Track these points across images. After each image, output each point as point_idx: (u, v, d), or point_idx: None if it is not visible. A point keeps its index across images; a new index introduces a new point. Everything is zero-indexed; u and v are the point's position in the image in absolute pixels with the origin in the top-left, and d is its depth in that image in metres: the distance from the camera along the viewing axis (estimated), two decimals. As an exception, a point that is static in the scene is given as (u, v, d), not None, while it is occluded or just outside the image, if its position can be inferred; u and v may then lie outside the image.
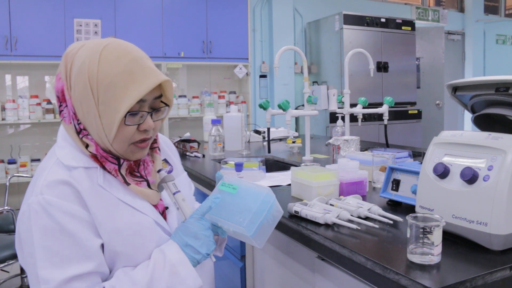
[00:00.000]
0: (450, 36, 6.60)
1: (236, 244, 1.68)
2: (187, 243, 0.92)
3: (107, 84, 0.85)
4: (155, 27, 4.20)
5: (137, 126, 0.90)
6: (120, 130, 0.88)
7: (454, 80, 1.17)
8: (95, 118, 0.87)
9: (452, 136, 1.04)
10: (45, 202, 0.84)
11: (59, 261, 0.83)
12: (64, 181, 0.87)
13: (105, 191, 0.91)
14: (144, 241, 0.94)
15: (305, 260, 1.28)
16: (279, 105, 2.07)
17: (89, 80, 0.85)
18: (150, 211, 0.97)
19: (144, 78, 0.86)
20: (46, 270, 0.82)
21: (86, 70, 0.86)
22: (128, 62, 0.86)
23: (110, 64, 0.85)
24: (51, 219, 0.84)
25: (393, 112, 4.61)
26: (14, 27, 3.68)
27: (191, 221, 0.94)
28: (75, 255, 0.84)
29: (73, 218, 0.85)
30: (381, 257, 0.91)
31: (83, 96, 0.87)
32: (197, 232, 0.93)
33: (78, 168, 0.89)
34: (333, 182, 1.35)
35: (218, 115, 4.23)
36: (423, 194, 1.04)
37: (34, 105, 3.87)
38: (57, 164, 0.90)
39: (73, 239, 0.85)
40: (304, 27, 5.29)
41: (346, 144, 2.04)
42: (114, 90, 0.85)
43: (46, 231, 0.83)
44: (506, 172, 0.88)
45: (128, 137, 0.90)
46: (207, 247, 0.93)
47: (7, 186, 2.83)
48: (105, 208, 0.90)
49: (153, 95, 0.91)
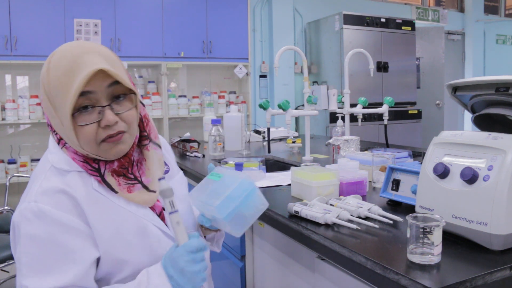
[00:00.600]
0: (450, 36, 6.60)
1: (236, 244, 1.68)
2: (172, 276, 0.85)
3: (54, 88, 0.83)
4: (155, 27, 4.20)
5: (97, 124, 0.84)
6: (78, 132, 0.84)
7: (454, 80, 1.17)
8: (59, 125, 0.86)
9: (452, 136, 1.04)
10: (38, 210, 0.82)
11: (42, 271, 0.81)
12: (60, 190, 0.85)
13: (101, 195, 0.89)
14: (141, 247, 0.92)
15: (305, 260, 1.28)
16: (279, 105, 2.07)
17: (44, 90, 0.85)
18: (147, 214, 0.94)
19: (80, 71, 0.81)
20: (27, 278, 0.81)
21: (41, 81, 0.86)
22: (68, 62, 0.82)
23: (54, 69, 0.83)
24: (42, 228, 0.82)
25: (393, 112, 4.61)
26: (14, 27, 3.68)
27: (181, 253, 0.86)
28: (60, 266, 0.82)
29: (66, 229, 0.83)
30: (381, 257, 0.91)
31: (46, 107, 0.86)
32: (184, 268, 0.85)
33: (71, 172, 0.88)
34: (333, 182, 1.35)
35: (218, 115, 4.23)
36: (423, 194, 1.04)
37: (34, 105, 3.87)
38: (51, 170, 0.88)
39: (63, 250, 0.83)
40: (304, 27, 5.29)
41: (346, 144, 2.04)
42: (59, 92, 0.82)
43: (34, 239, 0.82)
44: (506, 172, 0.88)
45: (90, 137, 0.84)
46: (192, 284, 0.86)
47: (7, 186, 2.83)
48: (103, 214, 0.88)
49: (103, 84, 0.84)
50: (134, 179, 0.93)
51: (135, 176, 0.94)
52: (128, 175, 0.93)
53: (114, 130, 0.86)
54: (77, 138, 0.84)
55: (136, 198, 0.92)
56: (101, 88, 0.84)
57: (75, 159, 0.89)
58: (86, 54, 0.83)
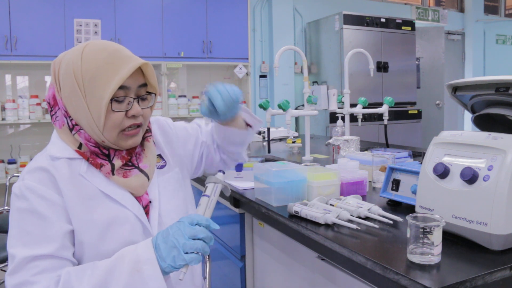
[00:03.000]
0: (450, 36, 6.60)
1: (236, 244, 1.68)
2: (158, 245, 0.87)
3: (91, 77, 0.91)
4: (155, 27, 4.20)
5: (125, 113, 0.94)
6: (108, 117, 0.92)
7: (454, 80, 1.17)
8: (84, 110, 0.92)
9: (452, 136, 1.04)
10: (24, 187, 0.91)
11: (27, 241, 0.88)
12: (42, 168, 0.93)
13: (86, 180, 0.95)
14: (115, 235, 0.94)
15: (305, 260, 1.28)
16: (279, 105, 2.07)
17: (75, 77, 0.91)
18: (131, 204, 0.97)
19: (123, 65, 0.92)
20: (15, 248, 0.88)
21: (72, 69, 0.92)
22: (107, 55, 0.92)
23: (91, 60, 0.92)
24: (26, 202, 0.90)
25: (393, 112, 4.61)
26: (14, 27, 3.68)
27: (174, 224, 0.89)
28: (42, 236, 0.88)
29: (45, 202, 0.90)
30: (381, 257, 0.91)
31: (72, 93, 0.92)
32: (169, 238, 0.86)
33: (61, 159, 0.95)
34: (334, 182, 1.35)
35: (218, 115, 4.22)
36: (423, 194, 1.04)
37: (34, 105, 3.86)
38: (42, 155, 0.97)
39: (42, 221, 0.89)
40: (304, 27, 5.29)
41: (346, 144, 2.04)
42: (97, 80, 0.90)
43: (21, 212, 0.90)
44: (506, 172, 0.88)
45: (117, 123, 0.93)
46: (173, 257, 0.84)
47: (7, 186, 2.82)
48: (81, 198, 0.93)
49: (137, 83, 0.96)
50: (131, 165, 1.00)
51: (133, 163, 1.01)
52: (127, 163, 1.00)
53: (137, 121, 0.96)
54: (104, 123, 0.92)
55: (128, 182, 0.97)
56: (134, 85, 0.96)
57: (87, 144, 0.96)
58: (124, 50, 0.95)
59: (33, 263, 0.86)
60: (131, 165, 1.00)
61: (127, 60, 0.93)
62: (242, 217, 1.64)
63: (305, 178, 1.33)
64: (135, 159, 1.02)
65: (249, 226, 1.64)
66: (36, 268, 0.86)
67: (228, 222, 1.73)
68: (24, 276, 0.85)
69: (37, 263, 0.86)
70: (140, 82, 0.97)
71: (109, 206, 0.95)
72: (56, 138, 0.99)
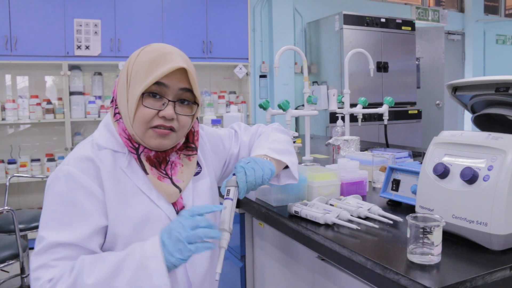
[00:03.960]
0: (450, 36, 6.60)
1: (236, 244, 1.68)
2: (164, 241, 0.88)
3: (137, 71, 0.95)
4: (155, 27, 4.20)
5: (157, 112, 0.95)
6: (139, 110, 0.94)
7: (454, 80, 1.17)
8: (124, 101, 0.97)
9: (452, 136, 1.04)
10: (67, 172, 0.93)
11: (57, 226, 0.90)
12: (89, 158, 0.96)
13: (126, 176, 0.98)
14: (148, 232, 0.96)
15: (305, 260, 1.28)
16: (279, 105, 2.07)
17: (127, 68, 0.98)
18: (165, 205, 1.00)
19: (165, 65, 0.94)
20: (44, 230, 0.91)
21: (128, 62, 0.99)
22: (156, 55, 0.95)
23: (144, 56, 0.96)
24: (66, 188, 0.92)
25: (393, 112, 4.62)
26: (14, 27, 3.68)
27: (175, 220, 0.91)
28: (73, 224, 0.91)
29: (85, 192, 0.93)
30: (381, 257, 0.91)
31: (121, 83, 0.98)
32: (172, 233, 0.88)
33: (106, 149, 0.98)
34: (334, 182, 1.34)
35: (218, 115, 4.23)
36: (423, 194, 1.04)
37: (34, 105, 3.86)
38: (90, 142, 1.00)
39: (77, 210, 0.91)
40: (304, 27, 5.29)
41: (346, 144, 2.04)
42: (139, 75, 0.94)
43: (58, 196, 0.92)
44: (506, 172, 0.88)
45: (145, 119, 0.95)
46: (179, 251, 0.86)
47: (7, 186, 2.82)
48: (120, 192, 0.95)
49: (178, 85, 0.96)
50: (165, 174, 1.02)
51: (167, 172, 1.02)
52: (160, 169, 1.01)
53: (167, 123, 0.96)
54: (134, 115, 0.94)
55: (162, 185, 0.99)
56: (174, 86, 0.96)
57: (121, 134, 0.99)
58: (175, 55, 0.97)
59: (57, 249, 0.89)
60: (165, 173, 1.01)
61: (170, 61, 0.94)
62: (242, 217, 1.64)
63: (305, 178, 1.33)
64: (169, 169, 1.02)
65: (249, 226, 1.64)
66: (58, 254, 0.89)
67: (228, 222, 1.73)
68: (45, 259, 0.88)
69: (61, 249, 0.89)
70: (182, 85, 0.97)
71: (145, 204, 0.98)
72: (103, 126, 1.02)
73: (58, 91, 4.15)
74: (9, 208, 2.28)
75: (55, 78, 4.17)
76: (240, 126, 1.32)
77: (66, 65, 3.87)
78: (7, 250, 2.31)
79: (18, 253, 2.31)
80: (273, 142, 1.17)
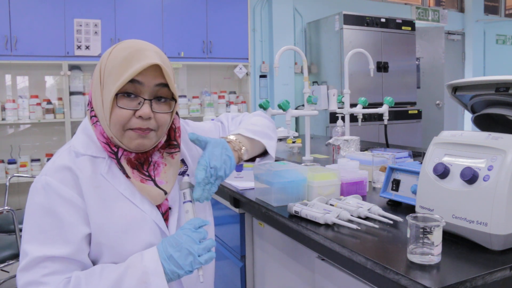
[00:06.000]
0: (450, 36, 6.60)
1: (236, 244, 1.68)
2: (171, 255, 0.89)
3: (109, 70, 0.91)
4: (155, 27, 4.20)
5: (133, 112, 0.91)
6: (114, 112, 0.91)
7: (454, 80, 1.17)
8: (99, 102, 0.93)
9: (452, 136, 1.04)
10: (46, 183, 0.90)
11: (42, 240, 0.88)
12: (66, 167, 0.92)
13: (106, 181, 0.94)
14: (133, 238, 0.94)
15: (305, 260, 1.28)
16: (279, 105, 2.07)
17: (100, 69, 0.94)
18: (149, 209, 0.97)
19: (138, 62, 0.89)
20: (28, 244, 0.88)
21: (100, 62, 0.95)
22: (129, 52, 0.91)
23: (116, 55, 0.92)
24: (46, 199, 0.89)
25: (393, 112, 4.62)
26: (14, 27, 3.68)
27: (180, 233, 0.91)
28: (57, 237, 0.88)
29: (66, 203, 0.90)
30: (381, 257, 0.91)
31: (95, 84, 0.94)
32: (182, 246, 0.89)
33: (84, 156, 0.94)
34: (334, 182, 1.34)
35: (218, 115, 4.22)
36: (423, 194, 1.04)
37: (34, 105, 3.86)
38: (68, 150, 0.96)
39: (60, 222, 0.89)
40: (304, 27, 5.29)
41: (346, 144, 2.04)
42: (112, 74, 0.90)
43: (39, 208, 0.89)
44: (506, 172, 0.88)
45: (122, 121, 0.91)
46: (190, 263, 0.89)
47: (7, 186, 2.82)
48: (101, 198, 0.92)
49: (153, 81, 0.92)
50: (148, 176, 0.98)
51: (150, 174, 0.98)
52: (143, 171, 0.97)
53: (145, 125, 0.92)
54: (110, 117, 0.91)
55: (146, 188, 0.96)
56: (149, 84, 0.92)
57: (99, 139, 0.95)
58: (148, 51, 0.92)
59: (45, 264, 0.86)
60: (147, 175, 0.97)
61: (143, 58, 0.90)
62: (242, 217, 1.64)
63: (305, 178, 1.33)
64: (152, 170, 0.98)
65: (249, 226, 1.64)
66: (47, 269, 0.86)
67: (228, 222, 1.73)
68: (34, 275, 0.85)
69: (49, 264, 0.86)
70: (157, 81, 0.92)
71: (128, 209, 0.95)
72: (81, 131, 0.99)
73: (58, 91, 4.15)
74: (9, 208, 2.28)
75: (55, 78, 4.17)
76: (227, 117, 1.30)
77: (66, 65, 3.87)
78: (7, 250, 2.31)
79: (18, 253, 2.31)
80: (251, 125, 1.16)
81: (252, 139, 1.11)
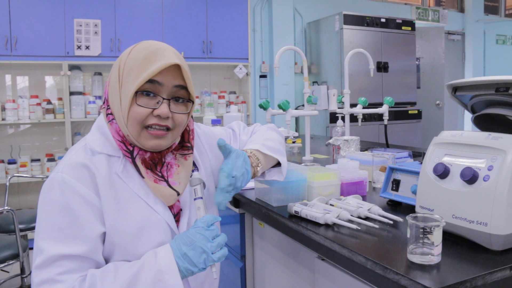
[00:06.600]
0: (450, 36, 6.60)
1: (236, 244, 1.68)
2: (185, 253, 0.90)
3: (129, 69, 0.92)
4: (155, 27, 4.20)
5: (151, 110, 0.92)
6: (132, 109, 0.91)
7: (454, 80, 1.17)
8: (117, 100, 0.93)
9: (452, 136, 1.04)
10: (62, 180, 0.90)
11: (58, 237, 0.87)
12: (83, 164, 0.92)
13: (121, 180, 0.95)
14: (146, 238, 0.94)
15: (305, 260, 1.28)
16: (279, 105, 2.07)
17: (119, 67, 0.95)
18: (162, 209, 0.98)
19: (157, 61, 0.91)
20: (44, 241, 0.87)
21: (119, 61, 0.96)
22: (150, 51, 0.92)
23: (135, 54, 0.93)
24: (62, 197, 0.89)
25: (393, 112, 4.62)
26: (14, 27, 3.68)
27: (193, 231, 0.92)
28: (73, 235, 0.88)
29: (82, 201, 0.89)
30: (381, 257, 0.91)
31: (113, 82, 0.95)
32: (196, 244, 0.90)
33: (101, 154, 0.95)
34: (334, 182, 1.35)
35: (218, 115, 4.23)
36: (423, 194, 1.04)
37: (34, 105, 3.86)
38: (83, 147, 0.96)
39: (76, 220, 0.88)
40: (304, 27, 5.29)
41: (346, 144, 2.04)
42: (132, 73, 0.91)
43: (55, 206, 0.89)
44: (506, 172, 0.88)
45: (139, 118, 0.92)
46: (204, 261, 0.90)
47: (7, 186, 2.82)
48: (116, 199, 0.93)
49: (172, 82, 0.93)
50: (161, 177, 0.98)
51: (163, 175, 0.99)
52: (156, 171, 0.98)
53: (162, 122, 0.93)
54: (128, 115, 0.91)
55: (160, 189, 0.96)
56: (168, 84, 0.93)
57: (114, 137, 0.96)
58: (167, 51, 0.94)
59: (61, 262, 0.86)
60: (161, 176, 0.98)
61: (163, 58, 0.91)
62: (242, 217, 1.64)
63: (305, 178, 1.33)
64: (165, 171, 0.99)
65: (249, 226, 1.64)
66: (63, 267, 0.86)
67: (228, 222, 1.73)
68: (50, 274, 0.85)
69: (65, 262, 0.86)
70: (176, 82, 0.94)
71: (142, 209, 0.95)
72: (96, 129, 0.99)
73: (58, 91, 4.15)
74: (9, 208, 2.28)
75: (55, 78, 4.17)
76: (239, 125, 1.32)
77: (66, 65, 3.87)
78: (7, 250, 2.31)
79: (18, 253, 2.31)
80: (266, 140, 1.18)
81: (267, 155, 1.14)
